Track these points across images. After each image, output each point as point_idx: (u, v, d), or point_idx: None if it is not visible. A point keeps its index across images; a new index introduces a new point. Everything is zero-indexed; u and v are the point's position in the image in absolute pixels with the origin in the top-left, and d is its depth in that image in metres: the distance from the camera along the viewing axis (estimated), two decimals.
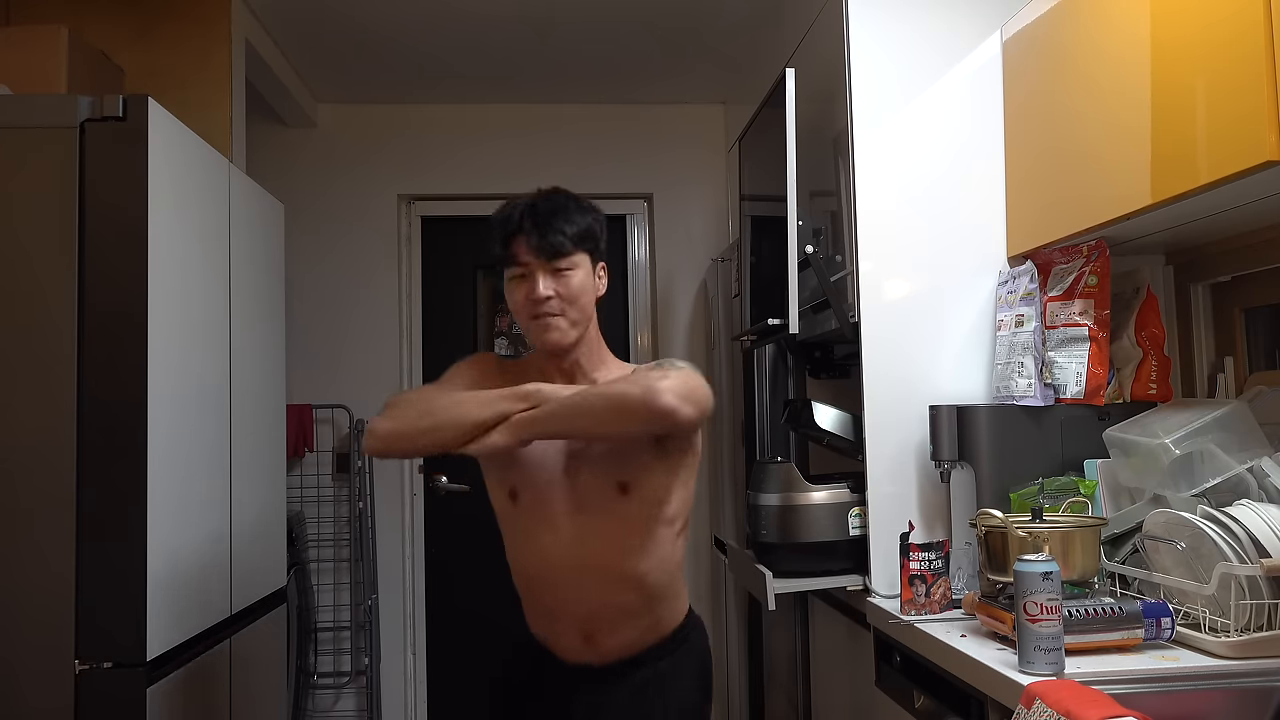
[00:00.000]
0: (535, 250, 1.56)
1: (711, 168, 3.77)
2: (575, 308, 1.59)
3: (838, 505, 2.05)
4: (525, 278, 1.58)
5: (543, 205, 1.60)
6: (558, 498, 1.59)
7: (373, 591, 3.55)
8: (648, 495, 1.59)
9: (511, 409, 1.49)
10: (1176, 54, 1.55)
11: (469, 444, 1.49)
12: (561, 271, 1.57)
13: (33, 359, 1.78)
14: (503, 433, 1.49)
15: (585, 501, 1.58)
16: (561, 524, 1.58)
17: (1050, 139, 1.91)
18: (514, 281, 1.60)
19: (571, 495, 1.58)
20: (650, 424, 1.49)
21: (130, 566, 1.76)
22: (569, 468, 1.59)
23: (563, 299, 1.57)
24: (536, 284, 1.56)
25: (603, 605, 1.59)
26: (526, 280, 1.58)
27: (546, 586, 1.61)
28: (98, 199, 1.80)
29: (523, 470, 1.60)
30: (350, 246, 3.67)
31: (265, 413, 2.53)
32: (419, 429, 1.51)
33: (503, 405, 1.50)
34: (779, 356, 2.48)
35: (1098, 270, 1.85)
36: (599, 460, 1.58)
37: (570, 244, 1.58)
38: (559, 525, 1.58)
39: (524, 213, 1.59)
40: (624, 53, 3.28)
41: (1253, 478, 1.61)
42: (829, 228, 2.24)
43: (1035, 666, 1.35)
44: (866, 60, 2.06)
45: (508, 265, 1.59)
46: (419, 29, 3.05)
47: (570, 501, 1.58)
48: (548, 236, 1.56)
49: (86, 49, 2.31)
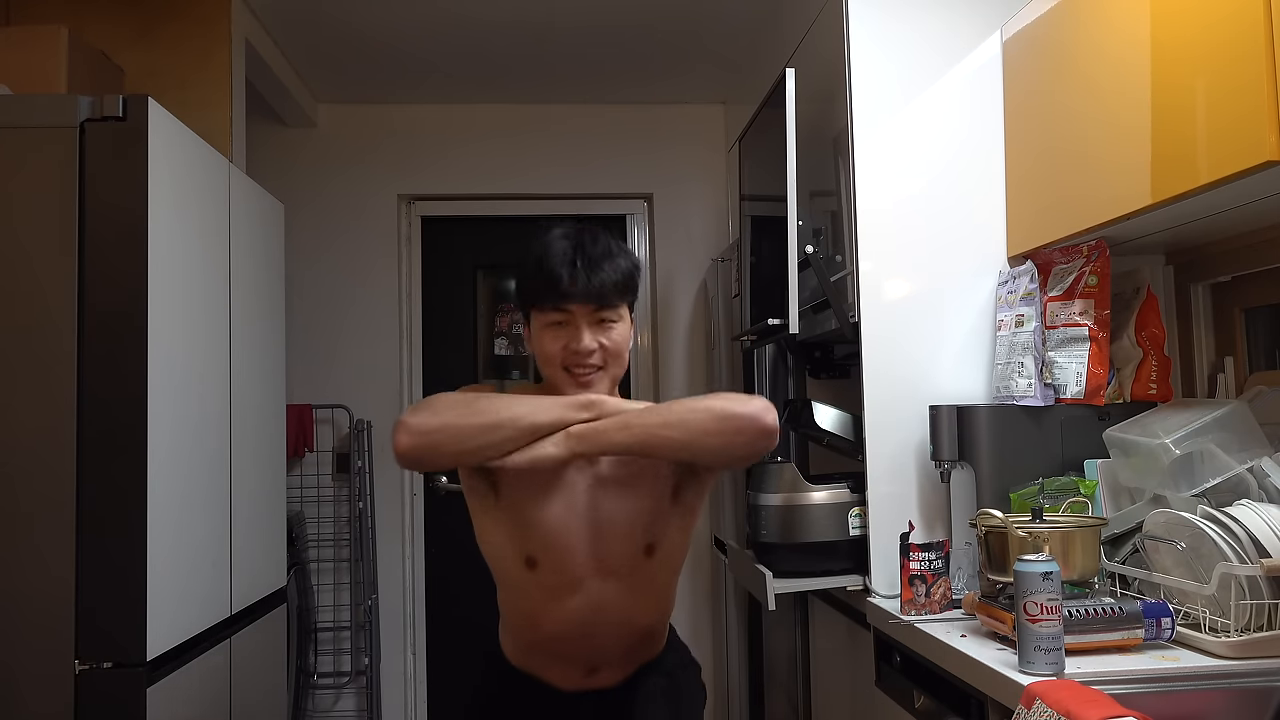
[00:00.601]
0: (582, 298, 1.43)
1: (711, 168, 3.76)
2: (617, 363, 1.47)
3: (838, 505, 2.05)
4: (565, 325, 1.44)
5: (591, 247, 1.45)
6: (581, 563, 1.48)
7: (373, 591, 3.55)
8: (669, 553, 1.55)
9: (572, 418, 1.39)
10: (1176, 54, 1.55)
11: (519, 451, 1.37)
12: (606, 323, 1.46)
13: (33, 359, 1.78)
14: (558, 443, 1.38)
15: (611, 566, 1.49)
16: (584, 587, 1.49)
17: (1050, 139, 1.91)
18: (550, 329, 1.45)
19: (596, 560, 1.48)
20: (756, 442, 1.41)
21: (130, 566, 1.76)
22: (595, 534, 1.48)
23: (606, 353, 1.46)
24: (581, 336, 1.43)
25: (613, 649, 1.54)
26: (566, 328, 1.44)
27: (557, 641, 1.52)
28: (98, 199, 1.80)
29: (544, 536, 1.47)
30: (350, 246, 3.67)
31: (265, 413, 2.53)
32: (473, 425, 1.37)
33: (562, 412, 1.39)
34: (779, 356, 2.48)
35: (1098, 270, 1.85)
36: (627, 524, 1.49)
37: (618, 293, 1.46)
38: (582, 588, 1.49)
39: (574, 254, 1.44)
40: (624, 53, 3.28)
41: (1253, 478, 1.61)
42: (829, 228, 2.24)
43: (1035, 666, 1.35)
44: (866, 60, 2.06)
45: (543, 308, 1.45)
46: (419, 29, 3.04)
47: (594, 566, 1.48)
48: (598, 285, 1.43)
49: (86, 49, 2.31)
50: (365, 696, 3.54)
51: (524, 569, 1.50)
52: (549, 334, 1.46)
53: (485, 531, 1.54)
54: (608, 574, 1.49)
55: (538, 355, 1.49)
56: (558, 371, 1.46)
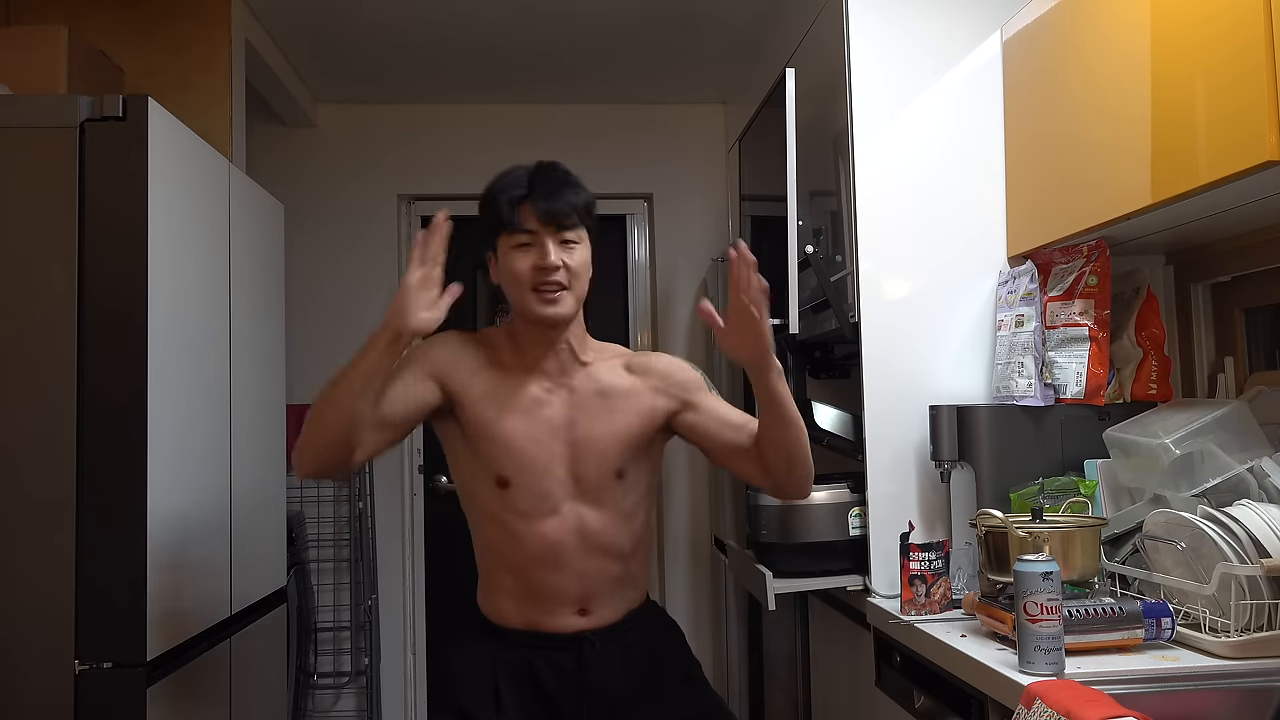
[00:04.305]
0: (545, 217, 1.53)
1: (711, 168, 3.76)
2: (580, 283, 1.56)
3: (838, 505, 2.05)
4: (531, 246, 1.54)
5: (550, 173, 1.58)
6: (556, 483, 1.57)
7: (373, 591, 3.54)
8: (639, 479, 1.63)
9: (379, 333, 1.48)
10: (1177, 53, 1.55)
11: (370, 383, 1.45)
12: (569, 243, 1.55)
13: (33, 359, 1.78)
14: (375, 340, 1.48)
15: (584, 488, 1.58)
16: (561, 508, 1.57)
17: (1050, 138, 1.91)
18: (517, 250, 1.55)
19: (571, 482, 1.58)
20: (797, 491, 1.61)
21: (130, 567, 1.76)
22: (569, 456, 1.58)
23: (570, 271, 1.54)
24: (547, 252, 1.53)
25: (598, 579, 1.59)
26: (532, 249, 1.54)
27: (542, 568, 1.58)
28: (98, 199, 1.80)
29: (515, 456, 1.56)
30: (350, 246, 3.67)
31: (265, 413, 2.53)
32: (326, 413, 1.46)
33: (371, 341, 1.48)
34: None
35: (1098, 270, 1.85)
36: (601, 451, 1.58)
37: (578, 215, 1.55)
38: (559, 509, 1.57)
39: (532, 179, 1.56)
40: (624, 53, 3.28)
41: (1253, 478, 1.61)
42: (829, 228, 2.24)
43: (1035, 666, 1.35)
44: (866, 60, 2.06)
45: (512, 230, 1.55)
46: (419, 29, 3.04)
47: (569, 487, 1.58)
48: (559, 204, 1.53)
49: (86, 49, 2.31)
50: (365, 696, 3.53)
51: (497, 490, 1.56)
52: (516, 255, 1.55)
53: (459, 460, 1.61)
54: (580, 494, 1.58)
55: (506, 281, 1.58)
56: (526, 294, 1.55)
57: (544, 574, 1.58)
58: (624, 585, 1.64)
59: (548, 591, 1.58)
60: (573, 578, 1.58)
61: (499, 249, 1.58)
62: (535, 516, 1.57)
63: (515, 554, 1.59)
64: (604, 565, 1.60)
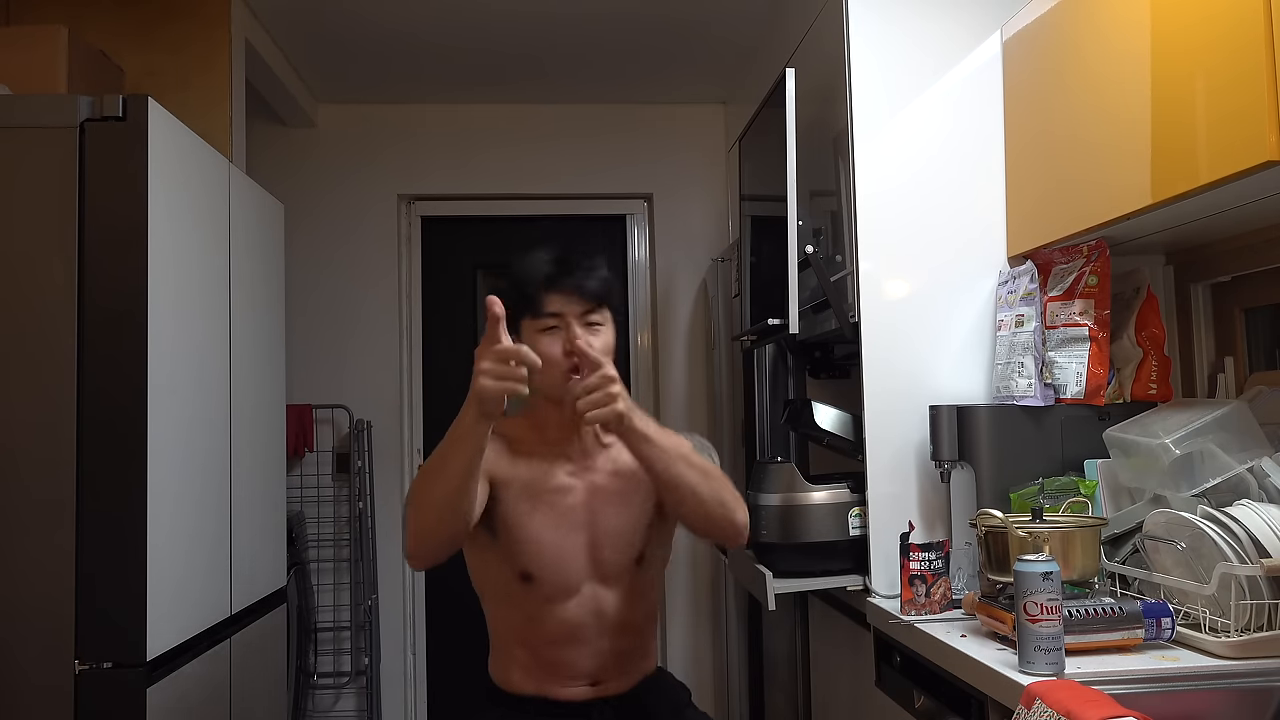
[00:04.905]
0: (572, 299, 1.50)
1: (711, 168, 3.76)
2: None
3: (838, 505, 2.05)
4: (556, 330, 1.50)
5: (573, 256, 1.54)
6: (577, 571, 1.56)
7: (373, 591, 3.55)
8: (655, 559, 1.64)
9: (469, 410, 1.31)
10: (1177, 53, 1.55)
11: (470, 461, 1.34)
12: (594, 326, 1.52)
13: (33, 359, 1.78)
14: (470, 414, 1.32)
15: (604, 572, 1.58)
16: (581, 590, 1.56)
17: (1050, 138, 1.91)
18: (543, 334, 1.50)
19: (591, 567, 1.57)
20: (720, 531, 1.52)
21: (130, 566, 1.76)
22: (593, 543, 1.57)
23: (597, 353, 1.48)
24: (575, 334, 1.49)
25: (611, 655, 1.59)
26: (558, 332, 1.50)
27: (558, 647, 1.57)
28: (98, 199, 1.80)
29: (539, 552, 1.54)
30: (350, 246, 3.67)
31: (265, 413, 2.53)
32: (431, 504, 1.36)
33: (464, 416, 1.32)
34: (779, 356, 2.48)
35: (1098, 270, 1.85)
36: (623, 534, 1.58)
37: (603, 297, 1.53)
38: (579, 591, 1.56)
39: (560, 260, 1.52)
40: (624, 53, 3.28)
41: (1253, 478, 1.61)
42: (829, 228, 2.24)
43: (1035, 666, 1.35)
44: (866, 60, 2.06)
45: (537, 314, 1.51)
46: (419, 29, 3.04)
47: (589, 572, 1.57)
48: (585, 285, 1.50)
49: (86, 49, 2.31)
50: (365, 696, 3.54)
51: (519, 584, 1.55)
52: (543, 339, 1.51)
53: (479, 561, 1.60)
54: (600, 580, 1.57)
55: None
56: (558, 378, 1.49)
57: (559, 651, 1.57)
58: (636, 657, 1.64)
59: (562, 666, 1.58)
60: (588, 654, 1.58)
61: (523, 332, 1.53)
62: (554, 601, 1.56)
63: (531, 634, 1.58)
64: (618, 642, 1.59)
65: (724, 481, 1.53)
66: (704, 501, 1.49)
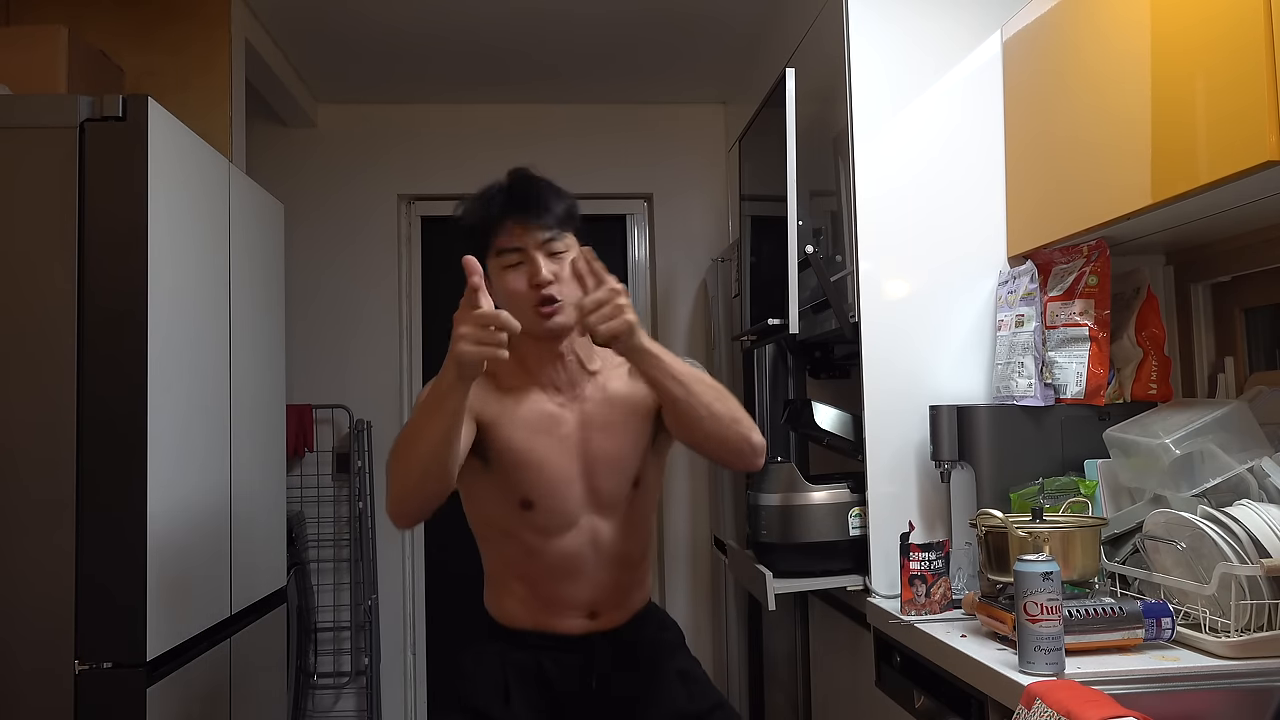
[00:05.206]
0: (529, 231, 1.50)
1: (711, 168, 3.76)
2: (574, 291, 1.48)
3: (838, 505, 2.05)
4: (520, 264, 1.52)
5: (523, 188, 1.55)
6: (575, 499, 1.57)
7: (373, 591, 3.55)
8: (650, 485, 1.65)
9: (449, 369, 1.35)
10: (1177, 53, 1.55)
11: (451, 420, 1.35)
12: (557, 254, 1.52)
13: (33, 359, 1.78)
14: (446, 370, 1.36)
15: (601, 500, 1.59)
16: (579, 521, 1.58)
17: (1051, 139, 1.91)
18: (509, 271, 1.52)
19: (588, 496, 1.58)
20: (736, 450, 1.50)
21: (130, 567, 1.76)
22: (586, 472, 1.57)
23: (563, 281, 1.51)
24: (538, 269, 1.50)
25: (609, 587, 1.61)
26: (522, 267, 1.52)
27: (557, 579, 1.58)
28: (98, 199, 1.80)
29: (538, 478, 1.55)
30: (350, 246, 3.67)
31: (265, 413, 2.53)
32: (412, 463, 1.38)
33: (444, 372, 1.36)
34: (779, 356, 2.48)
35: (1098, 270, 1.85)
36: (615, 463, 1.59)
37: (564, 222, 1.53)
38: (577, 523, 1.58)
39: (507, 196, 1.53)
40: (624, 53, 3.28)
41: (1253, 478, 1.61)
42: (829, 228, 2.24)
43: (1035, 666, 1.35)
44: (866, 60, 2.06)
45: (498, 253, 1.53)
46: (418, 29, 3.04)
47: (586, 501, 1.58)
48: (540, 217, 1.51)
49: (86, 49, 2.31)
50: (365, 696, 3.54)
51: (519, 511, 1.56)
52: (510, 275, 1.52)
53: (476, 491, 1.59)
54: (598, 507, 1.58)
55: (504, 302, 1.52)
56: (529, 311, 1.50)
57: (558, 584, 1.59)
58: (632, 589, 1.66)
59: (560, 599, 1.59)
60: (586, 586, 1.59)
61: (490, 270, 1.53)
62: (553, 532, 1.57)
63: (530, 567, 1.59)
64: (616, 574, 1.61)
65: (736, 401, 1.52)
66: (719, 419, 1.48)
